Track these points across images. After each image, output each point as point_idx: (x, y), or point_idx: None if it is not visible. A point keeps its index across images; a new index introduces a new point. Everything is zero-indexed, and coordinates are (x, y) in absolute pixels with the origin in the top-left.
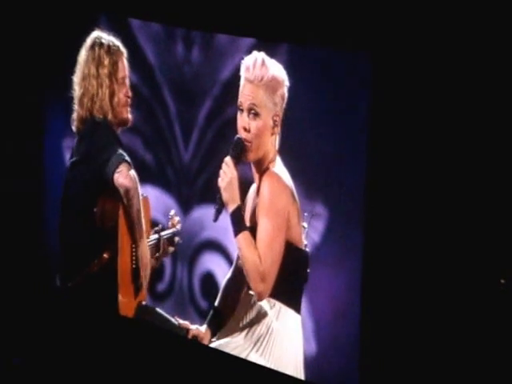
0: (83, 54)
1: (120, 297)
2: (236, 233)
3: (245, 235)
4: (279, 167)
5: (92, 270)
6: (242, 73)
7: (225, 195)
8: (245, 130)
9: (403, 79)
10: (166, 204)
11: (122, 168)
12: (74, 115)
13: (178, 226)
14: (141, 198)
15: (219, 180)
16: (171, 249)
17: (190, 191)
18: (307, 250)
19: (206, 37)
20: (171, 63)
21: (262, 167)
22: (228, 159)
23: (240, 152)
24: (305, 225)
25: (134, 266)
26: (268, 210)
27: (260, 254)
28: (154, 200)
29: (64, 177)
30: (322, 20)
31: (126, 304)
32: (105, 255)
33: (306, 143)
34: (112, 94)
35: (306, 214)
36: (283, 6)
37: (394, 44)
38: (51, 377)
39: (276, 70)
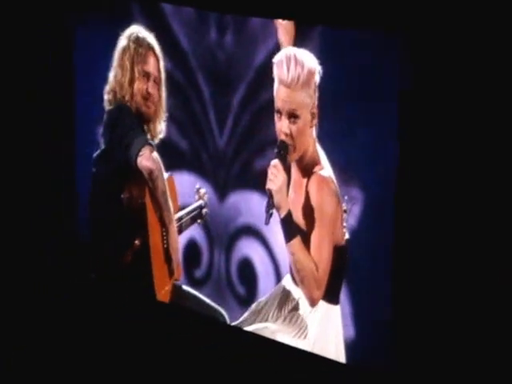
0: (121, 42)
1: (155, 280)
2: (289, 238)
3: (299, 241)
4: (324, 166)
5: (126, 260)
6: (276, 75)
7: (276, 198)
8: (286, 135)
9: (438, 64)
10: None
11: (145, 151)
12: (105, 98)
13: (205, 198)
14: (166, 177)
15: (268, 183)
16: (200, 222)
17: (225, 177)
18: (346, 237)
19: (238, 21)
20: (205, 48)
21: (304, 163)
22: (276, 162)
23: (286, 155)
24: (345, 207)
25: (165, 245)
26: (317, 219)
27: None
28: (189, 186)
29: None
30: (355, 2)
31: (162, 286)
32: (136, 242)
33: (339, 128)
34: (131, 81)
35: (346, 197)
36: None
37: (427, 28)
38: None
39: (309, 62)
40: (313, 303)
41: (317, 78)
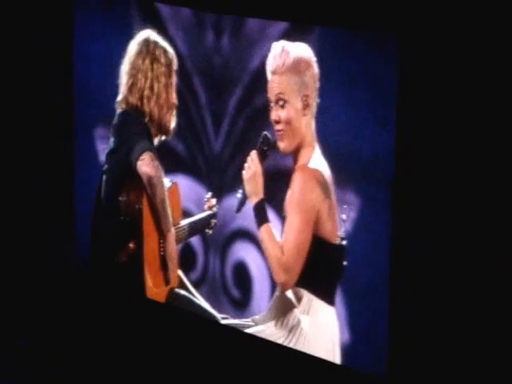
0: (134, 47)
1: (150, 286)
2: (258, 225)
3: (266, 228)
4: (316, 160)
5: (120, 261)
6: (267, 71)
7: (247, 188)
8: (276, 122)
9: (432, 63)
10: (198, 193)
11: (146, 156)
12: (120, 98)
13: (215, 209)
14: (169, 185)
15: (243, 172)
16: (208, 232)
17: (221, 180)
18: (343, 243)
19: (235, 24)
20: (201, 52)
21: (299, 158)
22: (253, 153)
23: (266, 147)
24: (344, 217)
25: (162, 253)
26: (296, 206)
27: (283, 246)
28: (185, 189)
29: (100, 167)
30: (351, 2)
31: (157, 292)
32: (130, 245)
33: (338, 130)
34: (161, 93)
35: (345, 206)
36: None
37: (422, 27)
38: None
39: (299, 51)
40: (283, 287)
41: (314, 69)
